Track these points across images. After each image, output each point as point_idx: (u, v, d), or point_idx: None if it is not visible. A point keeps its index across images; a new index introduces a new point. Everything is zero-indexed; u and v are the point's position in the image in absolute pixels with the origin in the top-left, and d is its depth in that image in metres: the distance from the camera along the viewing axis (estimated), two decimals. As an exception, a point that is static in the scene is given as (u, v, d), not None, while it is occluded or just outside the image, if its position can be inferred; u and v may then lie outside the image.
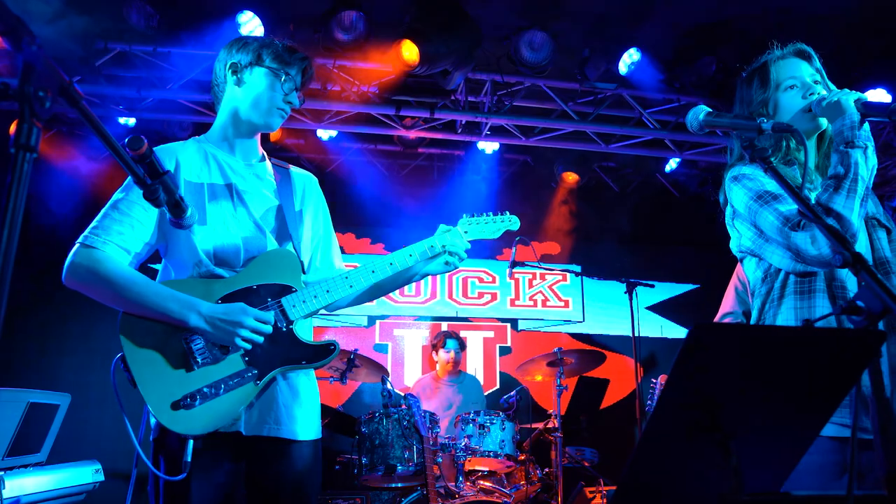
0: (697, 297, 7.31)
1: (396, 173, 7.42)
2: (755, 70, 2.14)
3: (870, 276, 1.28)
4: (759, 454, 1.25)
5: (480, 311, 7.19)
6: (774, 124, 1.72)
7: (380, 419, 4.30)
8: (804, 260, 1.86)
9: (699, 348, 1.04)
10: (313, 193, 2.37)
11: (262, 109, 2.17)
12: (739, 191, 2.03)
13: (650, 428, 1.13)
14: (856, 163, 1.82)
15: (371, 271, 2.19)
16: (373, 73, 5.59)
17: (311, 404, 2.15)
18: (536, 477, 4.77)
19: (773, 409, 1.22)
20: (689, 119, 1.84)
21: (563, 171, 7.04)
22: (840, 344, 1.19)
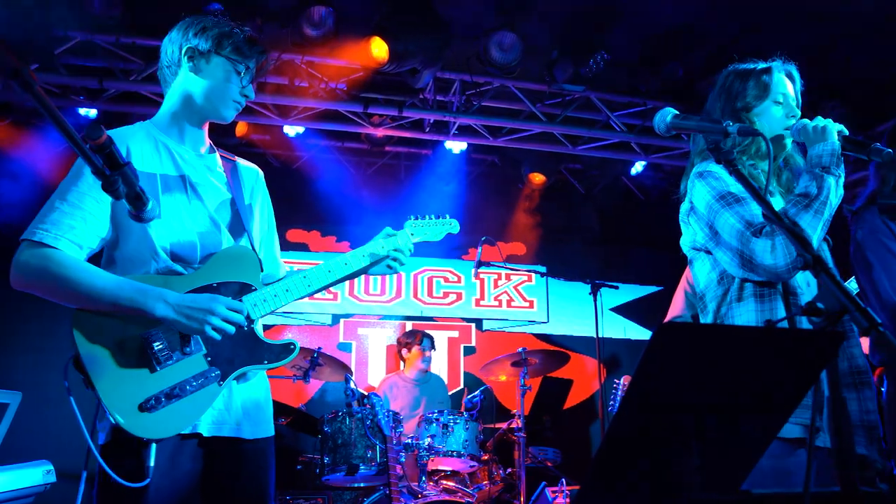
0: (661, 299, 7.39)
1: (363, 171, 7.37)
2: (758, 71, 2.15)
3: (829, 278, 1.31)
4: (721, 454, 1.26)
5: (445, 310, 7.18)
6: (740, 128, 1.74)
7: (343, 418, 4.26)
8: (753, 268, 1.87)
9: (665, 348, 1.05)
10: (261, 187, 2.31)
11: (217, 100, 2.08)
12: (703, 188, 2.03)
13: (614, 427, 1.13)
14: (829, 188, 1.86)
15: (328, 271, 2.16)
16: (341, 70, 5.54)
17: (265, 402, 2.12)
18: (499, 477, 4.78)
19: (735, 409, 1.23)
20: (657, 121, 1.85)
21: (530, 171, 7.07)
22: (801, 344, 1.21)
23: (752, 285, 1.96)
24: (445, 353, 7.07)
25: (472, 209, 7.03)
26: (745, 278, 1.96)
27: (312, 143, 6.92)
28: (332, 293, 6.92)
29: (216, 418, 1.96)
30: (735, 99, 2.14)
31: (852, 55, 5.38)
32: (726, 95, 2.16)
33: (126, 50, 5.30)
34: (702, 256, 2.10)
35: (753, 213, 1.91)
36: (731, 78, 2.18)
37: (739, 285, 1.98)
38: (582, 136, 6.37)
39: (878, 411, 1.92)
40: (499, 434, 4.96)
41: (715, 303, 2.03)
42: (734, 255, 1.92)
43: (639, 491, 1.24)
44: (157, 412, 1.80)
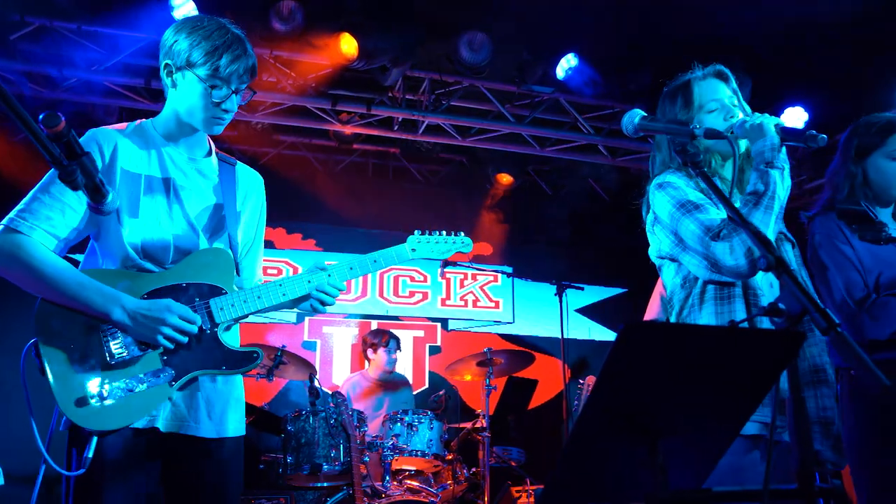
0: (626, 301, 7.49)
1: (331, 169, 7.31)
2: (678, 88, 2.19)
3: (791, 279, 1.33)
4: (683, 452, 1.27)
5: (411, 310, 7.16)
6: (706, 130, 1.76)
7: (306, 417, 4.22)
8: (719, 270, 1.91)
9: (630, 347, 1.05)
10: (256, 196, 2.29)
11: (198, 119, 2.05)
12: (663, 198, 2.07)
13: (579, 427, 1.13)
14: (774, 182, 1.89)
15: (307, 281, 2.12)
16: (310, 66, 5.49)
17: (235, 401, 2.09)
18: (463, 476, 4.78)
19: (698, 408, 1.24)
20: (625, 122, 1.86)
21: (498, 172, 7.09)
22: (763, 344, 1.22)
23: (713, 288, 2.00)
24: (411, 352, 7.05)
25: (439, 209, 7.03)
26: (708, 280, 2.00)
27: (280, 139, 6.84)
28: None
29: (175, 415, 1.94)
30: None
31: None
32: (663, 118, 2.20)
33: (88, 38, 5.17)
34: (667, 264, 2.15)
35: (711, 219, 1.95)
36: (662, 102, 2.23)
37: (701, 289, 2.02)
38: (550, 138, 6.41)
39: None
40: (463, 434, 4.96)
41: (678, 305, 2.08)
42: (701, 259, 1.97)
43: (603, 489, 1.24)
44: (102, 405, 1.82)
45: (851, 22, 5.06)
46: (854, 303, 2.38)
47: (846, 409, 2.47)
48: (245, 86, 2.07)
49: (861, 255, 2.43)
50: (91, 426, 1.80)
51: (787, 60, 5.47)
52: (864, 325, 2.35)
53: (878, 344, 2.37)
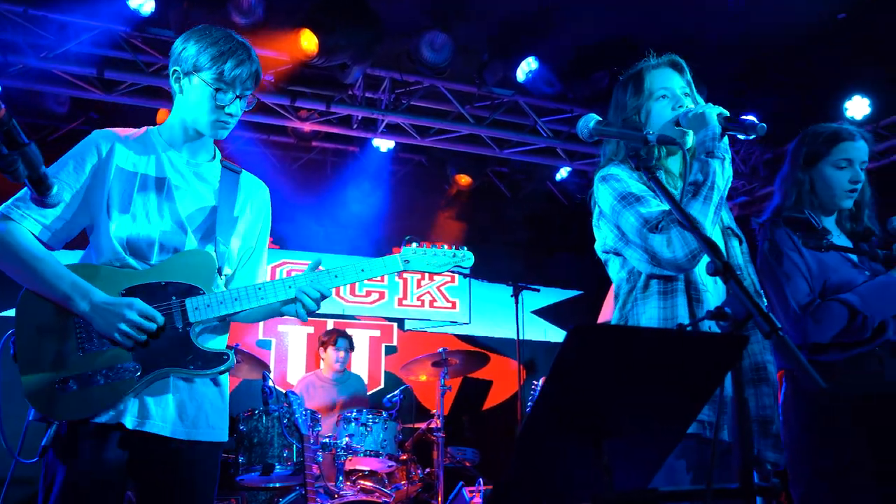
0: (582, 303, 7.57)
1: (289, 166, 7.23)
2: (631, 76, 2.20)
3: (737, 284, 1.36)
4: (629, 453, 1.29)
5: (367, 309, 7.13)
6: (659, 136, 1.79)
7: (259, 417, 4.16)
8: (659, 262, 1.91)
9: (578, 349, 1.06)
10: (258, 204, 2.29)
11: (203, 123, 2.09)
12: (606, 191, 2.06)
13: (527, 427, 1.14)
14: (714, 172, 1.90)
15: (288, 286, 2.10)
16: (269, 61, 5.41)
17: (213, 405, 2.07)
18: (418, 477, 4.78)
19: (644, 409, 1.26)
20: (580, 126, 1.87)
21: (457, 173, 7.10)
22: (708, 347, 1.25)
23: (657, 282, 1.99)
24: (366, 352, 7.02)
25: (397, 208, 7.01)
26: (651, 274, 1.99)
27: (237, 135, 6.73)
28: (252, 287, 6.75)
29: (143, 413, 1.94)
30: (622, 108, 2.18)
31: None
32: (615, 107, 2.21)
33: (36, 24, 4.99)
34: (613, 258, 2.14)
35: (650, 211, 1.95)
36: (615, 91, 2.23)
37: (644, 283, 2.01)
38: (509, 140, 6.45)
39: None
40: (418, 434, 4.95)
41: (622, 300, 2.06)
42: (641, 252, 1.96)
43: (551, 489, 1.25)
44: (64, 394, 1.87)
45: (807, 34, 5.22)
46: (800, 308, 2.44)
47: (789, 408, 2.54)
48: (249, 92, 2.12)
49: (808, 262, 2.50)
50: (50, 414, 1.86)
51: (743, 71, 5.62)
52: (808, 328, 2.42)
53: (819, 346, 2.44)
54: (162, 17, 5.00)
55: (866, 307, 2.36)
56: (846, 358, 2.44)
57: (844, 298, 2.39)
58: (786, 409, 2.53)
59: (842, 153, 2.60)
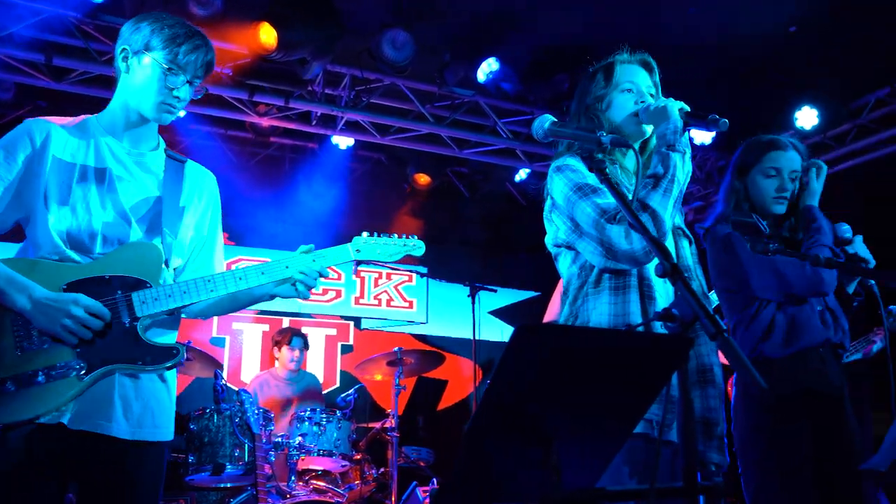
0: (538, 304, 7.61)
1: (246, 161, 7.13)
2: (601, 67, 2.20)
3: (685, 286, 1.38)
4: (577, 452, 1.30)
5: (324, 307, 7.07)
6: (613, 139, 1.79)
7: (210, 415, 4.09)
8: (615, 255, 1.89)
9: (523, 349, 1.06)
10: (205, 192, 2.22)
11: (148, 104, 2.01)
12: (560, 181, 2.04)
13: (473, 426, 1.14)
14: (675, 165, 1.90)
15: (238, 278, 2.04)
16: (227, 54, 5.31)
17: (160, 404, 2.00)
18: (371, 477, 4.75)
19: (592, 409, 1.27)
20: (535, 126, 1.88)
21: (416, 172, 7.09)
22: (654, 348, 1.26)
23: (609, 278, 1.97)
24: (322, 350, 6.96)
25: (355, 206, 6.96)
26: (604, 269, 1.97)
27: (193, 129, 6.61)
28: (207, 284, 6.63)
29: (84, 412, 1.86)
30: (586, 95, 2.18)
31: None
32: (580, 94, 2.22)
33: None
34: (564, 252, 2.11)
35: (608, 202, 1.93)
36: (583, 79, 2.23)
37: (597, 278, 1.99)
38: (469, 140, 6.46)
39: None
40: (372, 433, 4.93)
41: (573, 295, 2.03)
42: (596, 245, 1.93)
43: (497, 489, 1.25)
44: (2, 396, 1.79)
45: (760, 45, 5.35)
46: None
47: (739, 409, 2.60)
48: (200, 80, 2.05)
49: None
50: None
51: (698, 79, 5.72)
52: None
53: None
54: (116, 5, 4.88)
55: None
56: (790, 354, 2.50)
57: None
58: (736, 410, 2.59)
59: (771, 162, 2.69)
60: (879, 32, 5.18)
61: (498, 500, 1.30)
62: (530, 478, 1.26)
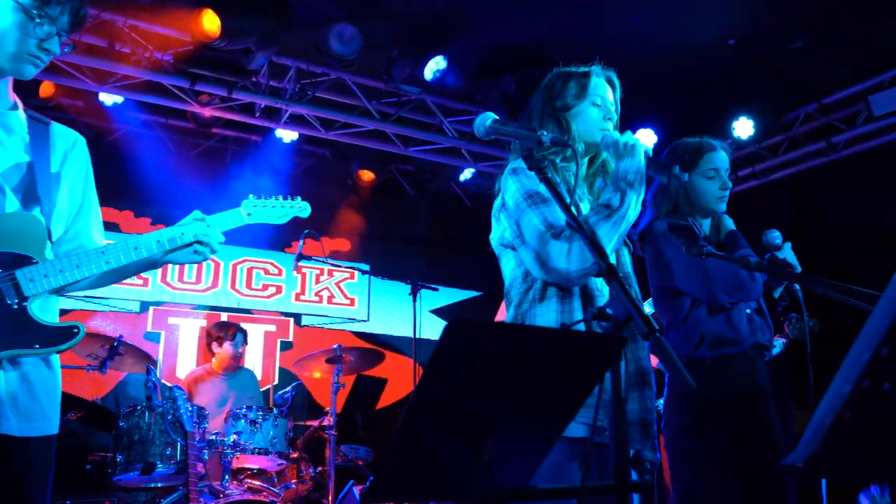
0: (480, 304, 7.66)
1: (187, 152, 6.94)
2: (577, 74, 2.21)
3: (619, 286, 1.39)
4: (510, 450, 1.30)
5: (263, 303, 6.94)
6: (553, 138, 1.80)
7: (141, 413, 3.95)
8: (548, 271, 1.91)
9: (455, 344, 1.05)
10: (78, 155, 2.04)
11: (8, 53, 1.80)
12: (514, 184, 2.04)
13: (406, 422, 1.12)
14: (629, 203, 1.93)
15: (134, 248, 1.93)
16: (168, 40, 5.17)
17: (46, 395, 1.86)
18: (308, 475, 4.68)
19: (525, 407, 1.27)
20: (477, 124, 1.87)
21: (360, 168, 7.03)
22: (586, 346, 1.27)
23: (556, 285, 1.98)
24: (261, 347, 6.83)
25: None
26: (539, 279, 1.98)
27: (131, 116, 6.40)
28: (143, 278, 6.44)
29: None
30: (555, 98, 2.18)
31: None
32: (547, 94, 2.21)
33: None
34: (509, 253, 2.11)
35: (557, 216, 1.94)
36: (554, 78, 2.23)
37: (543, 285, 1.99)
38: (415, 138, 6.44)
39: None
40: (309, 432, 4.86)
41: (518, 299, 2.04)
42: (535, 257, 1.94)
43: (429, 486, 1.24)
44: None
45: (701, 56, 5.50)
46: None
47: (670, 410, 2.66)
48: (66, 35, 1.87)
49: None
50: None
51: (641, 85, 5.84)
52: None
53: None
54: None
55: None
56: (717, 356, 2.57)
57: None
58: (667, 411, 2.65)
59: (709, 163, 2.78)
60: (808, 51, 5.41)
61: (429, 497, 1.29)
62: (463, 475, 1.26)
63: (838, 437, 1.33)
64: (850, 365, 1.33)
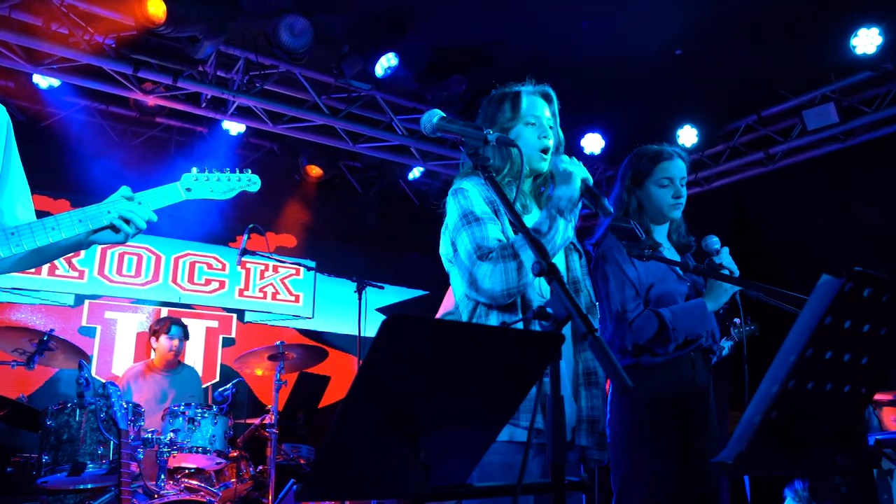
0: (426, 303, 7.66)
1: (129, 140, 6.73)
2: (508, 95, 2.25)
3: (560, 286, 1.40)
4: (446, 448, 1.29)
5: (206, 298, 6.79)
6: (499, 137, 1.82)
7: (72, 411, 3.79)
8: (477, 290, 1.98)
9: (392, 340, 1.04)
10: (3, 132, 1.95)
11: None
12: (453, 205, 2.12)
13: (340, 419, 1.10)
14: (557, 230, 1.98)
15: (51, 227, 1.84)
16: (110, 24, 4.99)
17: None
18: (249, 475, 4.60)
19: (463, 404, 1.27)
20: (424, 120, 1.87)
21: (308, 163, 6.93)
22: (526, 344, 1.28)
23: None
24: (202, 343, 6.68)
25: (243, 195, 6.70)
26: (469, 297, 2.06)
27: (69, 101, 6.17)
28: (78, 270, 6.22)
29: None
30: (492, 124, 2.23)
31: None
32: (483, 118, 2.28)
33: None
34: (455, 269, 2.18)
35: (486, 236, 2.00)
36: (488, 104, 2.29)
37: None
38: (364, 135, 6.38)
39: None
40: (250, 430, 4.77)
41: (467, 312, 2.10)
42: (465, 275, 2.02)
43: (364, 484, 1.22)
44: None
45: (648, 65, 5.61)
46: (623, 312, 2.61)
47: (614, 410, 2.70)
48: None
49: (639, 270, 2.67)
50: None
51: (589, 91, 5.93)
52: (626, 333, 2.59)
53: (638, 349, 2.62)
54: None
55: (675, 322, 2.56)
56: (663, 361, 2.62)
57: (659, 312, 2.58)
58: (612, 411, 2.69)
59: (663, 172, 2.82)
60: (749, 65, 5.59)
61: (364, 495, 1.27)
62: (398, 472, 1.24)
63: (765, 434, 1.38)
64: (777, 366, 1.38)
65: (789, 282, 5.96)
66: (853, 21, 5.24)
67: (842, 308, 1.34)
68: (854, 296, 1.34)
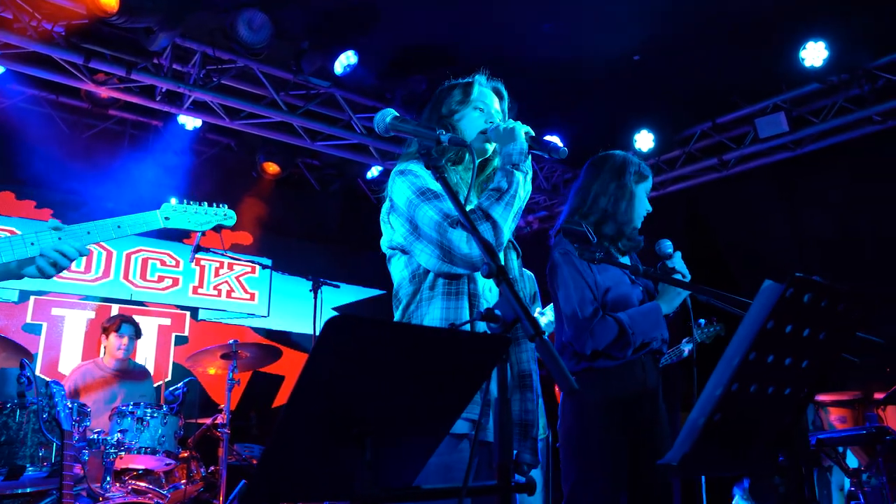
0: (382, 303, 7.63)
1: (80, 133, 6.55)
2: (461, 84, 2.30)
3: (508, 288, 1.41)
4: (393, 449, 1.28)
5: (159, 296, 6.65)
6: (451, 138, 1.82)
7: (11, 411, 3.67)
8: (452, 258, 1.95)
9: (335, 341, 1.03)
10: None
11: None
12: (403, 185, 2.08)
13: (284, 420, 1.08)
14: (517, 183, 2.00)
15: (31, 243, 1.79)
16: (60, 10, 4.84)
17: None
18: (200, 475, 4.51)
19: (410, 406, 1.26)
20: (377, 120, 1.86)
21: (265, 160, 6.84)
22: (471, 346, 1.27)
23: (443, 283, 2.03)
24: (154, 341, 6.54)
25: (199, 191, 6.58)
26: (439, 273, 2.02)
27: (15, 90, 5.98)
28: (23, 265, 6.02)
29: None
30: (441, 106, 2.26)
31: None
32: (434, 103, 2.30)
33: None
34: (398, 255, 2.15)
35: (451, 207, 1.98)
36: (441, 89, 2.33)
37: (431, 284, 2.04)
38: (322, 132, 6.32)
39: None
40: (202, 430, 4.68)
41: (406, 300, 2.08)
42: (434, 248, 1.99)
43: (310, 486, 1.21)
44: None
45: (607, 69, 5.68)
46: (583, 317, 2.62)
47: (565, 412, 2.72)
48: None
49: (596, 274, 2.69)
50: None
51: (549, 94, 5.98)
52: (585, 337, 2.60)
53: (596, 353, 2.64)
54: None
55: (633, 327, 2.59)
56: (618, 365, 2.65)
57: (618, 317, 2.61)
58: (562, 413, 2.71)
59: (646, 188, 2.86)
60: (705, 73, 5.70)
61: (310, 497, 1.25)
62: (345, 475, 1.23)
63: (709, 436, 1.40)
64: (721, 369, 1.40)
65: (741, 285, 6.10)
66: (802, 34, 5.39)
67: (783, 313, 1.37)
68: (795, 301, 1.37)
